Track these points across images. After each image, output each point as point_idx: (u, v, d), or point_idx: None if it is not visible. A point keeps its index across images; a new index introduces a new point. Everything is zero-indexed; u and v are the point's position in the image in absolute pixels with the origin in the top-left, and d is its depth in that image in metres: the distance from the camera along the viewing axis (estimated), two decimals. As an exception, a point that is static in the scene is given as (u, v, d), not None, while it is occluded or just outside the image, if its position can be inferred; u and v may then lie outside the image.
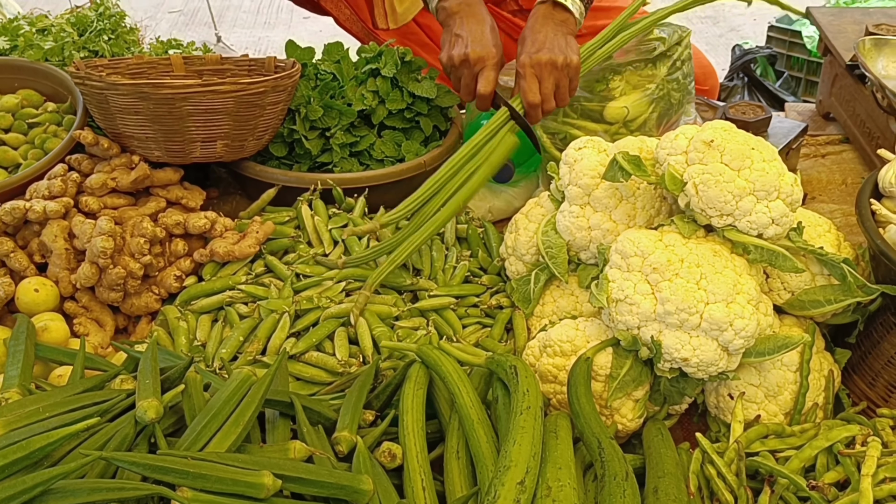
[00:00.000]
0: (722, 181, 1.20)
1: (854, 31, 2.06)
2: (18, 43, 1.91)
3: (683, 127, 1.29)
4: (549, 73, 1.57)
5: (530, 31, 1.62)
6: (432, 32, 2.14)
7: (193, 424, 1.01)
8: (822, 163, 2.06)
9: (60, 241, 1.49)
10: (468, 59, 1.60)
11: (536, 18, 1.64)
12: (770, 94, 3.17)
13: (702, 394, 1.35)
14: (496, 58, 1.62)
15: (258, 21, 5.05)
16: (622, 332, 1.24)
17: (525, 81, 1.58)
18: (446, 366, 1.18)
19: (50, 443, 0.95)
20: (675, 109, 1.80)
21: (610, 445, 1.09)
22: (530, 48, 1.59)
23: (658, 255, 1.22)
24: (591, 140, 1.45)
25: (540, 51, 1.57)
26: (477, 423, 1.10)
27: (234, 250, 1.54)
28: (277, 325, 1.39)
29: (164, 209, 1.61)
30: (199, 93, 1.56)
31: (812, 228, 1.37)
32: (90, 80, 1.57)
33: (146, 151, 1.63)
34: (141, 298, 1.51)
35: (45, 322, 1.41)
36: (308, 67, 1.83)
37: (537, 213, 1.53)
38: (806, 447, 1.13)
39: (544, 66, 1.57)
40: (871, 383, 1.36)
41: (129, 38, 2.02)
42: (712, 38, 4.61)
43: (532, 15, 1.66)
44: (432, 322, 1.46)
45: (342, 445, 1.08)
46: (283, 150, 1.79)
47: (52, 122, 1.75)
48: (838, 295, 1.27)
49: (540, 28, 1.61)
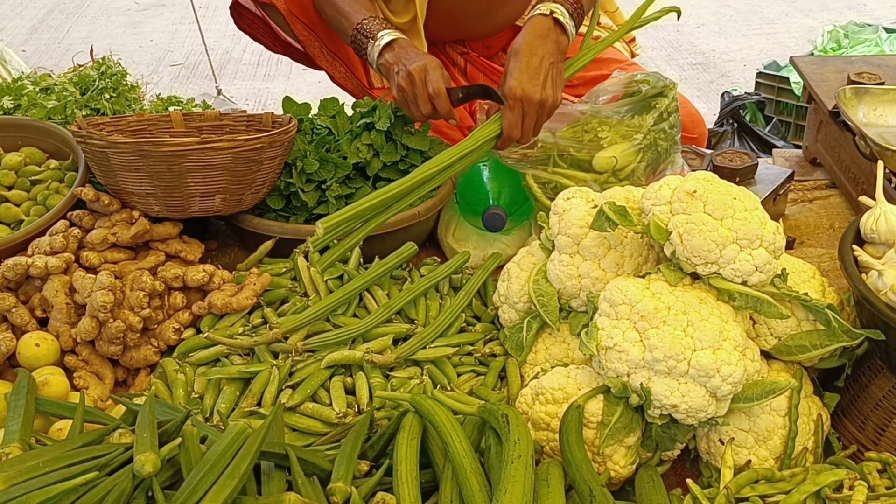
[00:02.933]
0: (705, 230, 1.23)
1: (837, 80, 2.12)
2: (22, 102, 1.96)
3: (667, 178, 1.33)
4: (534, 111, 1.60)
5: (527, 49, 1.60)
6: None
7: (190, 478, 1.03)
8: (810, 207, 2.10)
9: (61, 296, 1.52)
10: (411, 74, 1.63)
11: (535, 34, 1.62)
12: (759, 139, 3.22)
13: (693, 439, 1.37)
14: (435, 61, 1.65)
15: (258, 73, 5.14)
16: (612, 380, 1.26)
17: (511, 114, 1.60)
18: (440, 415, 1.20)
19: (49, 498, 0.97)
20: (663, 158, 1.84)
21: (601, 493, 1.10)
22: (523, 76, 1.59)
23: (645, 302, 1.25)
24: (579, 190, 1.49)
25: (532, 83, 1.58)
26: (470, 472, 1.11)
27: (231, 303, 1.57)
28: (269, 380, 1.41)
29: (164, 262, 1.65)
30: (197, 150, 1.60)
31: (796, 274, 1.40)
32: (91, 138, 1.61)
33: (146, 207, 1.66)
34: (140, 351, 1.53)
35: (46, 376, 1.43)
36: (304, 122, 1.88)
37: (528, 262, 1.56)
38: (794, 492, 1.14)
39: (532, 104, 1.59)
40: (860, 426, 1.38)
41: (131, 95, 2.07)
42: (703, 84, 4.69)
43: (531, 26, 1.63)
44: (427, 371, 1.48)
45: (337, 496, 1.09)
46: (280, 202, 1.83)
47: (54, 178, 1.79)
48: (824, 340, 1.29)
49: (537, 49, 1.60)
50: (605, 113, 1.84)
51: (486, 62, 2.24)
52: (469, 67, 2.26)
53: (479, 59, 2.25)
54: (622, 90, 1.91)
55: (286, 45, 2.19)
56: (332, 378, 1.44)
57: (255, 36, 2.20)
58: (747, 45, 5.30)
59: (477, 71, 2.25)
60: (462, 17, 2.10)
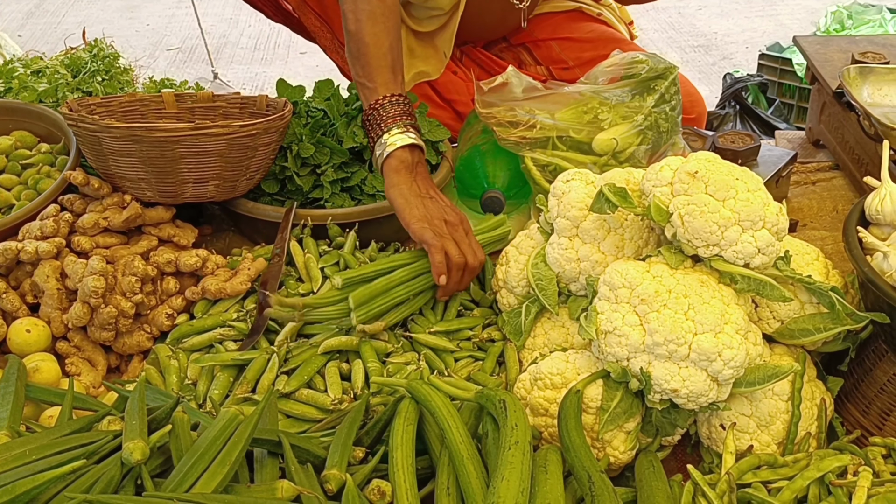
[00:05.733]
0: (707, 212, 1.21)
1: (840, 60, 2.08)
2: (13, 85, 1.94)
3: (668, 158, 1.30)
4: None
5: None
6: (441, 87, 2.16)
7: (180, 465, 1.01)
8: (813, 190, 2.07)
9: (52, 282, 1.50)
10: (452, 224, 1.54)
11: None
12: (762, 121, 3.19)
13: (694, 424, 1.35)
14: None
15: (255, 57, 5.10)
16: (612, 364, 1.24)
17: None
18: (436, 401, 1.18)
19: (36, 486, 0.95)
20: (664, 140, 1.81)
21: (600, 479, 1.08)
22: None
23: (646, 286, 1.22)
24: (578, 172, 1.46)
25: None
26: (467, 458, 1.09)
27: (225, 287, 1.55)
28: (266, 366, 1.39)
29: (156, 247, 1.62)
30: (191, 136, 1.57)
31: (800, 257, 1.37)
32: (83, 122, 1.58)
33: (138, 192, 1.64)
34: (133, 337, 1.51)
35: (37, 363, 1.41)
36: (299, 105, 1.85)
37: (527, 246, 1.54)
38: (797, 478, 1.12)
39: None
40: (864, 411, 1.36)
41: (123, 78, 2.05)
42: (704, 66, 4.65)
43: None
44: (424, 356, 1.46)
45: (331, 484, 1.07)
46: (275, 186, 1.80)
47: (45, 162, 1.76)
48: (828, 323, 1.27)
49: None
50: (605, 94, 1.80)
51: (483, 54, 2.21)
52: (464, 58, 2.23)
53: (476, 50, 2.22)
54: (621, 72, 1.87)
55: (286, 14, 2.16)
56: (327, 364, 1.42)
57: (256, 4, 2.17)
58: (750, 27, 5.26)
59: (471, 62, 2.22)
60: (474, 26, 2.09)
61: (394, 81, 1.62)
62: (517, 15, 2.11)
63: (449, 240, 1.49)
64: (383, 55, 1.61)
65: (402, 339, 1.50)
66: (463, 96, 2.13)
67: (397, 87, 1.62)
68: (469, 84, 2.12)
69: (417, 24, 2.04)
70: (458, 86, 2.15)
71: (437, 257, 1.47)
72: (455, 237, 1.51)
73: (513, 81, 1.81)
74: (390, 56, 1.62)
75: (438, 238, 1.48)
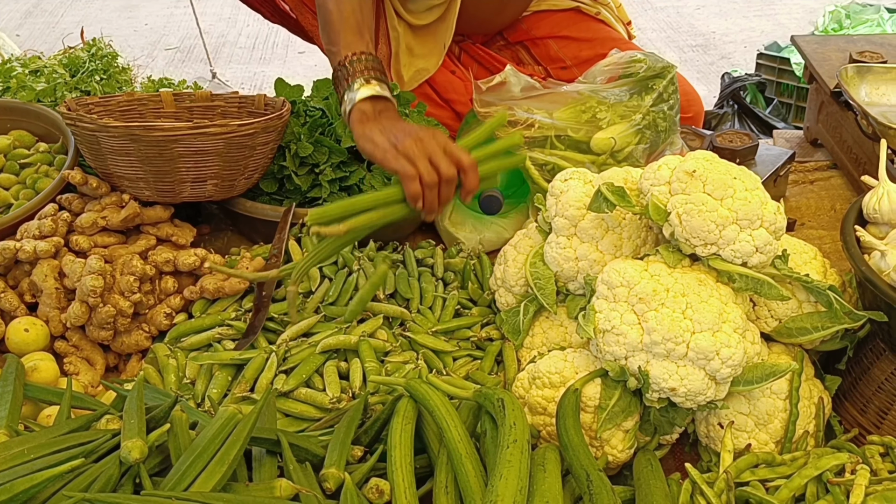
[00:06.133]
0: (705, 211, 1.21)
1: (838, 59, 2.08)
2: (11, 84, 1.93)
3: (666, 157, 1.30)
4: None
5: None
6: (439, 86, 2.16)
7: (178, 464, 1.01)
8: (811, 189, 2.08)
9: (50, 281, 1.50)
10: (423, 139, 1.43)
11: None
12: (760, 120, 3.19)
13: (692, 423, 1.35)
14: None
15: (254, 57, 5.09)
16: (610, 363, 1.24)
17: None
18: (434, 400, 1.18)
19: (34, 485, 0.95)
20: (662, 139, 1.81)
21: (598, 478, 1.08)
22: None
23: (644, 285, 1.22)
24: (576, 171, 1.46)
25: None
26: (465, 457, 1.09)
27: (223, 286, 1.55)
28: (265, 365, 1.39)
29: (155, 247, 1.62)
30: (189, 135, 1.57)
31: (797, 256, 1.37)
32: (82, 121, 1.58)
33: (136, 191, 1.64)
34: (131, 336, 1.51)
35: (35, 362, 1.41)
36: (297, 104, 1.85)
37: (525, 245, 1.54)
38: (795, 476, 1.12)
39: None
40: (862, 410, 1.36)
41: (122, 77, 2.04)
42: (703, 66, 4.64)
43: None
44: (422, 355, 1.46)
45: (330, 482, 1.07)
46: (274, 185, 1.80)
47: (43, 162, 1.76)
48: (825, 322, 1.27)
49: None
50: (603, 93, 1.81)
51: (482, 50, 2.21)
52: (463, 56, 2.23)
53: (475, 46, 2.22)
54: (619, 71, 1.88)
55: (284, 14, 2.16)
56: (326, 363, 1.42)
57: (253, 4, 2.16)
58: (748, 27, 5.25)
59: (470, 59, 2.22)
60: (472, 17, 2.08)
61: (359, 41, 1.59)
62: (515, 4, 2.09)
63: (421, 158, 1.40)
64: (346, 18, 1.59)
65: (401, 339, 1.50)
66: (461, 96, 2.13)
67: (362, 46, 1.58)
68: (467, 83, 2.12)
69: (416, 17, 2.04)
70: (456, 85, 2.15)
71: (412, 186, 1.38)
72: (428, 150, 1.41)
73: (511, 81, 1.81)
74: (353, 18, 1.60)
75: (410, 163, 1.39)
